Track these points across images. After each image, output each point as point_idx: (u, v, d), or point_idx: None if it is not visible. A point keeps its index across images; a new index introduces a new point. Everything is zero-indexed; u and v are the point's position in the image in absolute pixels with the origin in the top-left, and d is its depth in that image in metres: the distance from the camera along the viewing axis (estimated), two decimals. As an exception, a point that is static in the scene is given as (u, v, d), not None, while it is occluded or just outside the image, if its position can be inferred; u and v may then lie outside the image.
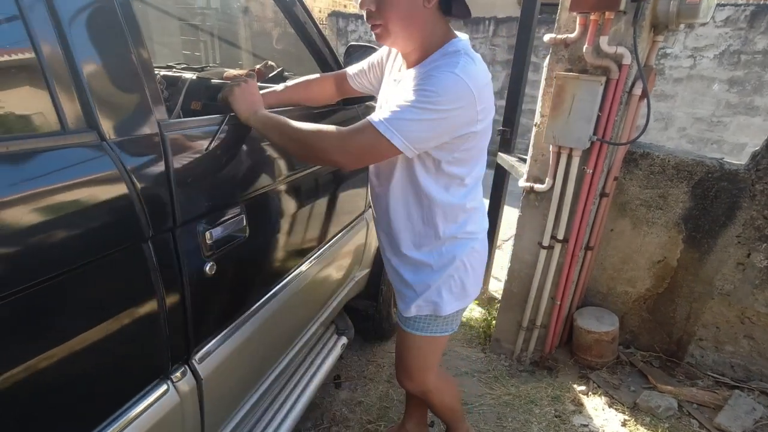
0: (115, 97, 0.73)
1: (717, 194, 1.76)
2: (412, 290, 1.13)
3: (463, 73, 0.87)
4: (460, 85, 0.87)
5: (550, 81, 1.70)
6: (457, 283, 1.12)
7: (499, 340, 2.16)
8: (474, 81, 0.88)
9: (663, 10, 1.49)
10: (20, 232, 0.58)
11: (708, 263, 1.85)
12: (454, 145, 0.96)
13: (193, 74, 1.73)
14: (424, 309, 1.14)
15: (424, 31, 0.94)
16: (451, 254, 1.09)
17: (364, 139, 0.90)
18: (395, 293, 1.23)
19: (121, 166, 0.70)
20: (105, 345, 0.71)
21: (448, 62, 0.90)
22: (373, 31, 0.95)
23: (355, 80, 1.23)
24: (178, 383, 0.86)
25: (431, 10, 0.92)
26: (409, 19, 0.91)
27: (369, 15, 0.92)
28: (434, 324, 1.16)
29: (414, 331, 1.17)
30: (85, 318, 0.68)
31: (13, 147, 0.59)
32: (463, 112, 0.90)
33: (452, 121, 0.90)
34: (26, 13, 0.61)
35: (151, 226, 0.75)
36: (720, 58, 4.84)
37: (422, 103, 0.86)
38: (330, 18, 7.56)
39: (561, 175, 1.76)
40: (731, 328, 1.87)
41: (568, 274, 1.88)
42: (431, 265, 1.10)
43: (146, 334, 0.79)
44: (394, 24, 0.92)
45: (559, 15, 1.66)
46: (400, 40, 0.96)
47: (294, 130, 0.94)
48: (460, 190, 1.05)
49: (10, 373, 0.59)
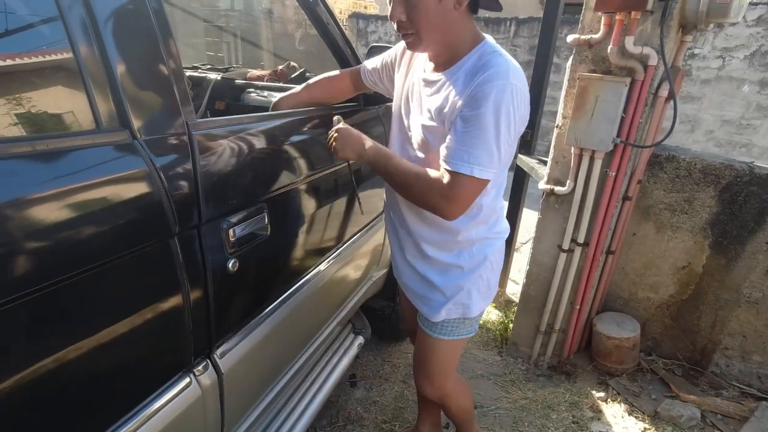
0: (146, 97, 0.75)
1: (746, 199, 1.71)
2: (441, 294, 1.12)
3: (515, 79, 0.88)
4: (518, 94, 0.89)
5: (573, 82, 1.68)
6: (485, 283, 1.13)
7: (517, 343, 2.14)
8: (522, 82, 0.91)
9: (692, 9, 1.45)
10: (54, 227, 0.60)
11: (735, 270, 1.80)
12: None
13: (218, 75, 1.77)
14: (453, 312, 1.12)
15: (456, 34, 0.94)
16: (482, 254, 1.09)
17: (465, 191, 0.92)
18: (416, 299, 1.19)
19: (151, 164, 0.72)
20: (132, 338, 0.73)
21: (496, 72, 0.88)
22: (404, 40, 0.96)
23: (368, 77, 1.24)
24: (200, 377, 0.88)
25: (461, 12, 0.91)
26: (441, 25, 0.91)
27: (400, 25, 0.92)
28: (462, 326, 1.16)
29: (441, 336, 1.16)
30: (113, 311, 0.71)
31: (52, 145, 0.62)
32: (523, 118, 0.93)
33: (518, 129, 0.93)
34: (66, 15, 0.64)
35: (177, 222, 0.77)
36: (751, 59, 4.69)
37: (497, 129, 0.88)
38: (350, 19, 7.60)
39: (583, 178, 1.73)
40: (759, 337, 1.82)
41: (588, 278, 1.85)
42: (462, 267, 1.09)
43: (171, 327, 0.81)
44: (426, 31, 0.91)
45: (583, 15, 1.64)
46: (432, 46, 0.95)
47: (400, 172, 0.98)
48: (492, 191, 1.05)
49: (44, 362, 0.61)
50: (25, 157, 0.59)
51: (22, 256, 0.57)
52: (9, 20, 0.63)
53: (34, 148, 0.60)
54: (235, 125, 0.94)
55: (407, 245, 1.15)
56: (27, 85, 0.65)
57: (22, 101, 0.65)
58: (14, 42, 0.64)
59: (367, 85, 1.25)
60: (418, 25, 0.90)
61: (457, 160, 0.90)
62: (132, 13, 0.73)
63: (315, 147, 1.18)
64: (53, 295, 0.61)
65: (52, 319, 0.62)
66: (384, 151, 1.01)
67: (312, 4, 1.31)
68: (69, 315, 0.64)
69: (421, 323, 1.20)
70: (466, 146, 0.89)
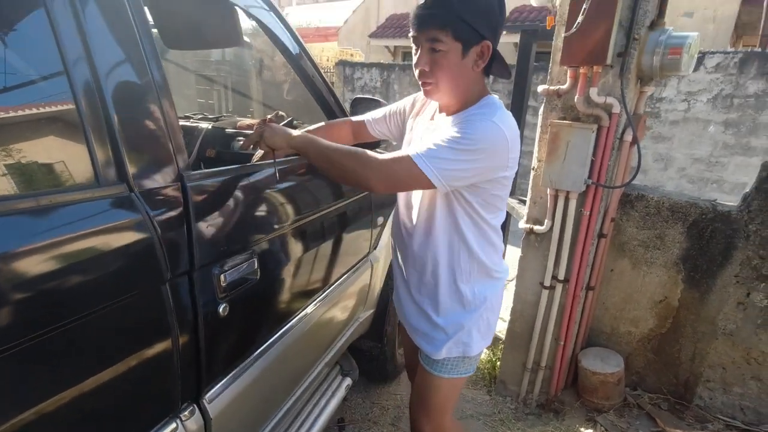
0: (143, 151, 0.81)
1: (712, 234, 1.81)
2: (443, 332, 1.15)
3: (499, 122, 0.96)
4: (497, 132, 0.96)
5: (545, 128, 1.80)
6: (485, 323, 1.17)
7: (505, 381, 2.14)
8: (508, 130, 0.97)
9: (647, 64, 1.59)
10: (50, 276, 0.63)
11: (709, 303, 1.87)
12: (486, 189, 1.03)
13: (209, 124, 1.85)
14: (454, 351, 1.15)
15: (468, 89, 1.04)
16: (483, 294, 1.14)
17: (400, 169, 0.97)
18: (417, 336, 1.22)
19: (146, 215, 0.77)
20: (120, 383, 0.75)
21: (486, 112, 0.99)
22: (423, 87, 1.05)
23: (374, 127, 1.33)
24: (186, 422, 0.89)
25: (477, 72, 1.02)
26: (457, 79, 1.01)
27: (422, 73, 1.02)
28: (462, 365, 1.18)
29: (442, 374, 1.18)
30: (102, 357, 0.73)
31: (55, 199, 0.66)
32: (496, 156, 0.98)
33: (486, 164, 0.97)
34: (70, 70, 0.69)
35: (169, 269, 0.81)
36: (713, 102, 4.99)
37: (460, 144, 0.94)
38: (337, 66, 7.93)
39: (559, 217, 1.82)
40: (738, 369, 1.86)
41: (571, 313, 1.90)
42: (464, 305, 1.14)
43: (159, 373, 0.83)
44: (445, 84, 1.01)
45: (551, 68, 1.78)
46: (446, 96, 1.05)
47: (333, 150, 1.02)
48: (492, 233, 1.11)
49: (34, 407, 0.63)
50: (28, 212, 0.63)
51: (22, 304, 0.60)
52: (17, 75, 0.69)
53: (38, 203, 0.65)
54: (226, 176, 1.00)
55: (413, 282, 1.19)
56: (30, 138, 0.70)
57: (26, 155, 0.70)
58: (21, 96, 0.69)
59: (374, 134, 1.34)
60: (438, 77, 1.00)
61: (411, 148, 0.98)
62: (132, 69, 0.79)
63: (302, 193, 1.24)
64: (46, 342, 0.63)
65: (43, 364, 0.64)
66: (311, 136, 1.06)
67: (297, 57, 1.41)
68: (61, 360, 0.67)
69: (422, 361, 1.23)
70: (428, 143, 0.96)
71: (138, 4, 0.81)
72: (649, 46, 1.58)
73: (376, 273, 1.80)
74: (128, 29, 0.79)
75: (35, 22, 0.68)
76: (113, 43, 0.77)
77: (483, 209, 1.06)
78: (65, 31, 0.69)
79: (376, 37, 10.42)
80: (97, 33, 0.73)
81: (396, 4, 10.87)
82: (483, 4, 0.96)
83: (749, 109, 4.85)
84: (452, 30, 0.94)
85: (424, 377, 1.23)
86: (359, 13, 11.67)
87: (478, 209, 1.06)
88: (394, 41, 10.09)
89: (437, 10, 0.95)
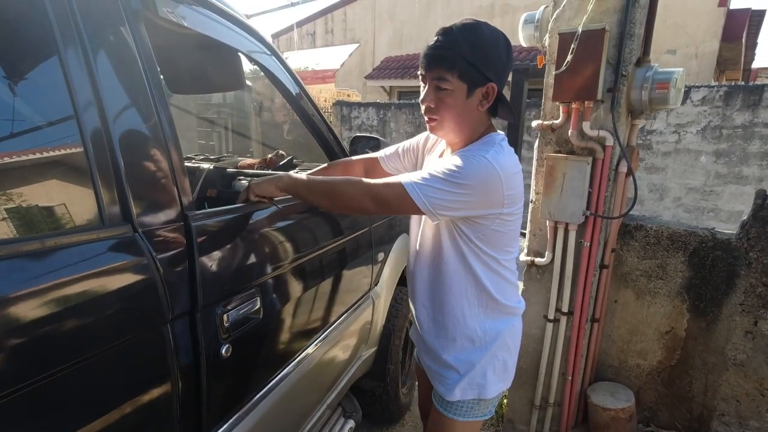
0: (148, 192, 0.82)
1: (714, 263, 1.80)
2: (454, 371, 1.13)
3: (492, 159, 0.97)
4: (488, 168, 0.96)
5: (541, 161, 1.83)
6: (500, 363, 1.13)
7: (513, 420, 2.07)
8: (501, 167, 0.97)
9: (636, 98, 1.65)
10: (50, 318, 0.62)
11: (716, 332, 1.84)
12: (485, 225, 1.03)
13: (210, 164, 1.88)
14: (468, 393, 1.12)
15: (472, 128, 1.06)
16: (494, 330, 1.11)
17: (391, 192, 0.99)
18: (432, 377, 1.20)
19: (149, 255, 0.77)
20: (118, 427, 0.73)
21: (481, 148, 1.01)
22: (428, 123, 1.07)
23: (388, 163, 1.34)
24: (187, 470, 0.85)
25: (481, 112, 1.04)
26: (461, 117, 1.03)
27: (428, 109, 1.05)
28: (477, 408, 1.15)
29: (456, 417, 1.14)
30: (103, 399, 0.71)
31: (61, 241, 0.67)
32: (488, 193, 0.98)
33: (475, 198, 0.98)
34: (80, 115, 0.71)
35: (171, 309, 0.80)
36: (703, 133, 5.12)
37: (449, 176, 0.96)
38: (335, 106, 8.14)
39: (560, 249, 1.82)
40: (752, 401, 1.81)
41: (577, 347, 1.86)
42: (474, 342, 1.11)
43: (159, 416, 0.81)
44: (449, 121, 1.04)
45: (544, 104, 1.83)
46: (450, 133, 1.08)
47: (322, 182, 1.05)
48: (501, 268, 1.10)
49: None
50: (33, 254, 0.63)
51: (26, 346, 0.59)
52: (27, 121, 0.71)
53: (43, 245, 0.65)
54: (229, 215, 1.00)
55: (423, 319, 1.18)
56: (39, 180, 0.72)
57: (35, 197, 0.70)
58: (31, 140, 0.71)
59: (387, 170, 1.35)
60: (442, 114, 1.03)
61: (404, 176, 1.00)
62: (140, 114, 0.81)
63: (303, 231, 1.25)
64: (47, 385, 0.62)
65: (43, 409, 0.63)
66: (299, 176, 1.08)
67: (296, 97, 1.45)
68: (59, 403, 0.65)
69: (436, 402, 1.19)
70: (421, 174, 0.98)
71: (148, 52, 0.84)
72: (637, 82, 1.64)
73: (377, 310, 1.78)
74: (137, 75, 0.82)
75: (49, 71, 0.70)
76: (122, 89, 0.79)
77: (487, 245, 1.06)
78: (77, 77, 0.71)
79: (372, 79, 10.76)
80: (107, 79, 0.76)
81: (390, 47, 11.30)
82: (491, 49, 0.99)
83: (738, 139, 4.97)
84: (459, 71, 0.98)
85: (437, 420, 1.19)
86: (355, 56, 12.11)
87: (479, 245, 1.05)
88: (390, 81, 10.42)
89: (446, 52, 0.98)
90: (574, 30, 1.60)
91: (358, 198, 1.02)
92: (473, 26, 0.99)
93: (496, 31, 1.01)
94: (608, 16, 1.61)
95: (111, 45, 0.78)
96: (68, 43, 0.70)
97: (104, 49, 0.76)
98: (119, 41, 0.79)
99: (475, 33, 0.99)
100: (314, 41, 12.95)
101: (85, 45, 0.73)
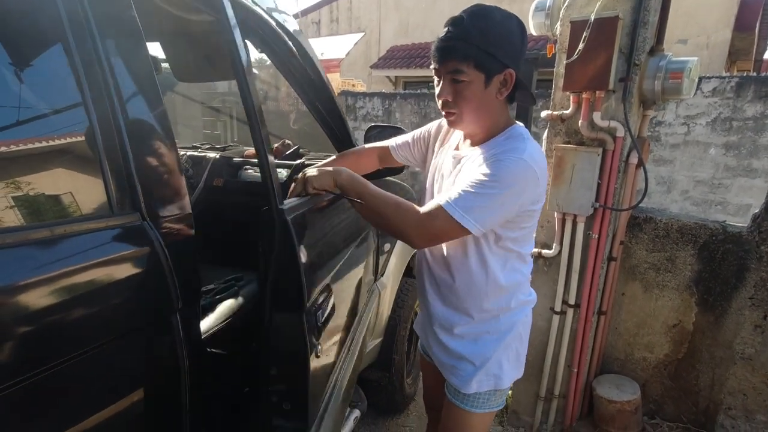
0: (157, 181, 0.81)
1: (724, 256, 1.78)
2: (470, 363, 1.12)
3: (530, 159, 0.95)
4: (528, 170, 0.94)
5: (550, 152, 1.81)
6: (514, 353, 1.14)
7: (517, 412, 2.08)
8: (538, 165, 0.96)
9: (649, 88, 1.62)
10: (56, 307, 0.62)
11: (725, 326, 1.82)
12: (517, 222, 1.02)
13: (216, 153, 1.87)
14: (485, 384, 1.12)
15: (492, 118, 1.03)
16: (510, 321, 1.11)
17: (438, 224, 0.95)
18: (445, 370, 1.19)
19: (158, 244, 0.77)
20: (126, 417, 0.73)
21: (516, 147, 0.97)
22: (447, 117, 1.05)
23: (398, 153, 1.32)
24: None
25: (501, 100, 1.01)
26: (481, 108, 1.00)
27: (445, 104, 1.02)
28: (493, 398, 1.15)
29: (473, 409, 1.14)
30: (111, 389, 0.71)
31: (70, 228, 0.66)
32: (528, 192, 0.97)
33: (519, 201, 0.97)
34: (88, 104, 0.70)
35: (180, 298, 0.79)
36: (713, 125, 5.04)
37: (493, 188, 0.93)
38: (340, 96, 8.09)
39: (568, 241, 1.80)
40: (759, 395, 1.80)
41: (583, 339, 1.86)
42: (489, 332, 1.11)
43: (168, 406, 0.81)
44: (468, 113, 1.01)
45: (554, 94, 1.80)
46: (470, 125, 1.05)
47: (374, 198, 1.00)
48: (519, 262, 1.10)
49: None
50: (42, 242, 0.63)
51: (36, 333, 0.59)
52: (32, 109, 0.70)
53: (52, 233, 0.64)
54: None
55: (437, 313, 1.16)
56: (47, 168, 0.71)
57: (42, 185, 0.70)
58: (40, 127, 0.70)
59: (398, 159, 1.33)
60: (461, 108, 1.00)
61: (445, 198, 0.96)
62: (150, 107, 0.80)
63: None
64: (56, 374, 0.62)
65: (51, 398, 0.63)
66: (359, 178, 1.04)
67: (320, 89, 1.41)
68: (68, 393, 0.65)
69: (450, 396, 1.18)
70: (459, 190, 0.95)
71: None
72: (650, 71, 1.61)
73: (383, 301, 1.77)
74: (145, 63, 0.81)
75: (56, 57, 0.69)
76: (130, 75, 0.78)
77: (514, 243, 1.05)
78: (84, 64, 0.70)
79: (377, 68, 10.67)
80: (116, 65, 0.75)
81: (396, 36, 11.18)
82: (504, 34, 0.96)
83: (749, 132, 4.89)
84: (474, 61, 0.94)
85: (453, 413, 1.17)
86: (360, 45, 12.01)
87: (508, 244, 1.04)
88: (395, 71, 10.32)
89: (458, 42, 0.94)
90: (587, 18, 1.56)
91: (406, 233, 0.99)
92: (483, 12, 0.96)
93: (508, 15, 0.98)
94: (621, 3, 1.57)
95: (119, 30, 0.76)
96: (75, 28, 0.69)
97: (112, 34, 0.75)
98: (127, 26, 0.78)
99: (486, 19, 0.95)
100: (319, 30, 12.84)
101: (92, 31, 0.71)
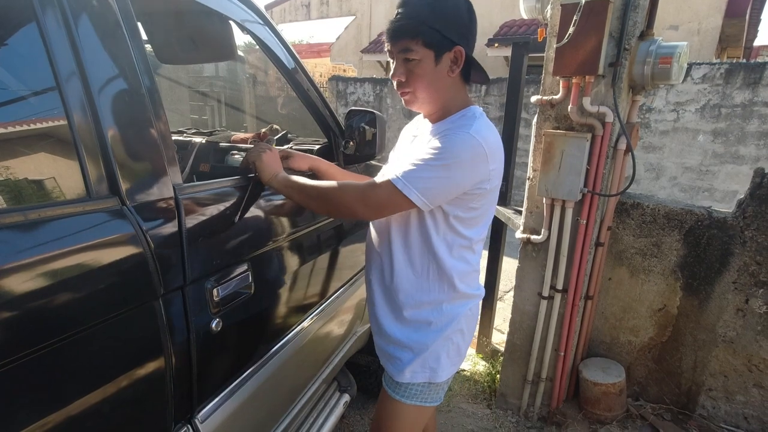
0: (135, 164, 0.79)
1: (709, 241, 1.81)
2: (407, 351, 1.09)
3: (477, 134, 0.94)
4: (475, 145, 0.94)
5: (539, 138, 1.80)
6: (454, 347, 1.11)
7: (505, 395, 2.11)
8: (486, 141, 0.95)
9: (638, 73, 1.61)
10: (38, 292, 0.61)
11: (708, 310, 1.86)
12: (464, 201, 1.00)
13: (202, 138, 1.84)
14: (419, 375, 1.09)
15: (446, 96, 1.03)
16: (451, 313, 1.08)
17: (382, 193, 0.96)
18: (382, 356, 1.17)
19: (138, 229, 0.75)
20: (109, 403, 0.72)
21: (464, 124, 0.98)
22: (402, 97, 1.05)
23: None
24: (181, 443, 0.86)
25: (453, 78, 1.02)
26: (433, 87, 1.01)
27: (399, 84, 1.02)
28: (428, 391, 1.11)
29: (404, 399, 1.11)
30: (93, 375, 0.70)
31: (45, 213, 0.64)
32: (475, 168, 0.96)
33: (465, 176, 0.95)
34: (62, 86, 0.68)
35: (162, 284, 0.78)
36: (701, 112, 5.07)
37: (437, 160, 0.93)
38: (330, 81, 7.99)
39: (556, 226, 1.81)
40: (740, 377, 1.85)
41: (570, 324, 1.88)
42: (430, 323, 1.08)
43: (151, 391, 0.80)
44: (421, 92, 1.01)
45: (544, 79, 1.79)
46: (425, 105, 1.05)
47: (314, 187, 1.02)
48: (466, 251, 1.07)
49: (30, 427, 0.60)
50: (17, 226, 0.61)
51: (9, 321, 0.58)
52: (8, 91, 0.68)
53: (26, 218, 0.63)
54: (221, 188, 0.98)
55: (378, 296, 1.14)
56: (23, 153, 0.69)
57: (16, 170, 0.68)
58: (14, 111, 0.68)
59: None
60: (414, 86, 1.00)
61: (393, 171, 0.96)
62: (125, 84, 0.78)
63: (297, 206, 1.22)
64: (33, 361, 0.61)
65: (31, 384, 0.62)
66: (295, 181, 1.05)
67: (292, 71, 1.41)
68: (49, 379, 0.64)
69: (384, 383, 1.16)
70: (406, 163, 0.95)
71: (131, 19, 0.80)
72: (639, 56, 1.60)
73: (373, 286, 1.77)
74: (121, 43, 0.78)
75: (28, 38, 0.67)
76: (106, 57, 0.76)
77: (461, 224, 1.03)
78: (57, 45, 0.68)
79: (368, 53, 10.54)
80: (90, 47, 0.72)
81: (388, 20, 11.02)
82: (450, 12, 0.97)
83: (737, 119, 4.93)
84: (423, 38, 0.95)
85: (384, 402, 1.15)
86: (351, 29, 11.82)
87: (454, 224, 1.02)
88: (386, 56, 10.20)
89: (407, 21, 0.96)
90: (577, 0, 1.54)
91: (350, 207, 0.99)
92: None
93: None
94: (612, -14, 1.55)
95: (93, 10, 0.74)
96: (47, 7, 0.66)
97: (86, 14, 0.72)
98: (101, 5, 0.75)
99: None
100: (309, 13, 12.61)
101: (65, 10, 0.69)
